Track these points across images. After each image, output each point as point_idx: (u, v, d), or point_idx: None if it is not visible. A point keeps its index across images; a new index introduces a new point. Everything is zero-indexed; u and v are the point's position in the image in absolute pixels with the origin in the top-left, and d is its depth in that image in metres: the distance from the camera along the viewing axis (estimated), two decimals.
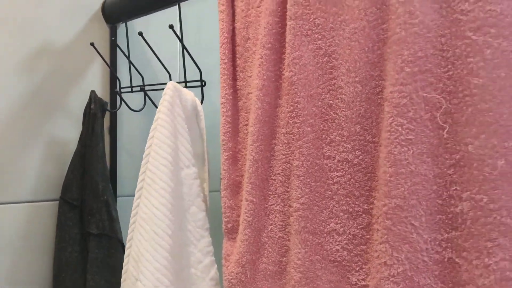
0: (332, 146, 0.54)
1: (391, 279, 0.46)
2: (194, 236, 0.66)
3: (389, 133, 0.47)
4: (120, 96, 0.87)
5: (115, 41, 0.88)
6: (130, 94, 0.94)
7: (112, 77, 0.93)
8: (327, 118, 0.54)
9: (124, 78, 0.92)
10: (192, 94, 0.70)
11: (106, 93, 0.94)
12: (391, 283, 0.46)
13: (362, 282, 0.52)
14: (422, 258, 0.46)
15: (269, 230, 0.60)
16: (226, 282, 0.62)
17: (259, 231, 0.60)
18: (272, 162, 0.60)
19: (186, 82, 0.75)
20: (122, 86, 0.91)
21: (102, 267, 0.83)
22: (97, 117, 0.85)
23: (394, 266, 0.46)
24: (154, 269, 0.61)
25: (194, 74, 0.78)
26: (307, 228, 0.55)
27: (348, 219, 0.53)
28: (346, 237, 0.53)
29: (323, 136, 0.55)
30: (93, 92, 0.86)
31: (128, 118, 0.97)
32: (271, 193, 0.60)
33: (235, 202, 0.63)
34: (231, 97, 0.64)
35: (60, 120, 0.89)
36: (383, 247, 0.47)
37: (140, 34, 0.74)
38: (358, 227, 0.52)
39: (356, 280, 0.52)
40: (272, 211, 0.60)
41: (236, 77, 0.65)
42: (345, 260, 0.53)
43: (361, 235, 0.52)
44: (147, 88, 0.85)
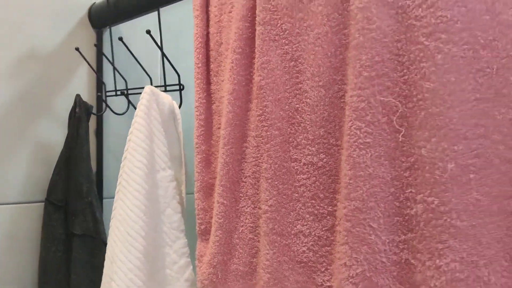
0: (298, 149, 0.55)
1: (350, 280, 0.47)
2: (169, 237, 0.67)
3: (348, 136, 0.48)
4: (103, 100, 0.88)
5: (98, 46, 0.90)
6: (115, 98, 0.96)
7: (98, 81, 0.95)
8: (294, 122, 0.55)
9: (110, 81, 0.94)
10: (169, 98, 0.72)
11: (92, 97, 0.96)
12: (351, 284, 0.47)
13: (327, 283, 0.53)
14: (381, 259, 0.46)
15: (240, 231, 0.61)
16: (199, 283, 0.63)
17: (230, 233, 0.61)
18: (243, 164, 0.61)
19: (166, 86, 0.76)
20: (108, 90, 0.92)
21: (86, 267, 0.84)
22: (81, 120, 0.87)
23: (353, 267, 0.47)
24: (127, 269, 0.62)
25: (175, 78, 0.79)
26: (275, 229, 0.56)
27: (313, 221, 0.54)
28: (311, 238, 0.54)
29: (290, 139, 0.56)
30: (78, 96, 0.88)
31: (114, 121, 0.98)
32: (242, 195, 0.61)
33: (208, 204, 0.65)
34: (205, 100, 0.65)
35: (46, 123, 0.91)
36: (343, 249, 0.48)
37: (120, 39, 0.75)
38: (323, 229, 0.53)
39: (321, 281, 0.53)
40: (243, 213, 0.61)
41: (210, 81, 0.66)
42: (311, 261, 0.54)
43: (325, 237, 0.53)
44: (131, 91, 0.87)
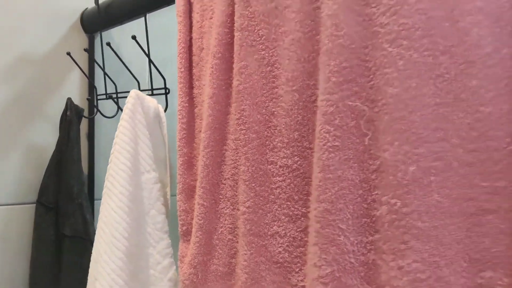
0: (274, 152, 0.56)
1: (320, 280, 0.48)
2: (153, 238, 0.69)
3: (318, 139, 0.49)
4: (92, 103, 0.90)
5: (90, 51, 0.91)
6: (107, 101, 0.98)
7: (89, 85, 0.97)
8: (270, 125, 0.57)
9: (102, 85, 0.96)
10: (155, 102, 0.73)
11: (84, 100, 0.97)
12: (320, 284, 0.48)
13: (301, 283, 0.54)
14: (349, 259, 0.47)
15: (219, 232, 0.62)
16: (180, 283, 0.65)
17: (210, 234, 0.62)
18: (222, 167, 0.62)
19: (153, 90, 0.78)
20: (99, 93, 0.94)
21: (75, 268, 0.85)
22: (72, 123, 0.88)
23: (323, 267, 0.48)
24: (110, 270, 0.63)
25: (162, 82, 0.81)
26: (252, 230, 0.57)
27: (288, 222, 0.55)
28: (287, 239, 0.55)
29: (267, 142, 0.57)
30: (69, 99, 0.90)
31: (105, 124, 1.00)
32: (222, 197, 0.62)
33: (190, 206, 0.66)
34: (187, 104, 0.67)
35: (39, 126, 0.92)
36: (314, 249, 0.49)
37: (108, 44, 0.77)
38: (297, 230, 0.54)
39: (296, 281, 0.54)
40: (222, 214, 0.62)
41: (192, 85, 0.68)
42: (286, 261, 0.55)
43: (300, 238, 0.54)
44: (121, 95, 0.88)
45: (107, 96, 0.82)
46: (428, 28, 0.42)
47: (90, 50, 0.96)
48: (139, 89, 0.80)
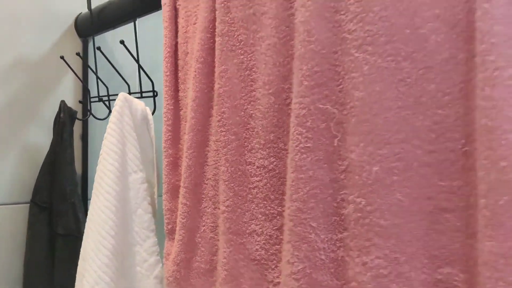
0: (252, 153, 0.58)
1: (293, 276, 0.50)
2: (140, 236, 0.71)
3: (292, 141, 0.51)
4: (86, 105, 0.92)
5: (84, 55, 0.94)
6: (100, 103, 1.00)
7: (83, 87, 0.99)
8: (249, 127, 0.59)
9: (95, 88, 0.98)
10: (143, 104, 0.75)
11: (78, 102, 1.00)
12: (293, 280, 0.50)
13: (277, 279, 0.56)
14: (320, 256, 0.49)
15: (201, 231, 0.64)
16: (165, 280, 0.67)
17: (193, 232, 0.64)
18: (205, 167, 0.64)
19: (142, 93, 0.80)
20: (92, 96, 0.96)
21: (68, 266, 0.88)
22: (65, 125, 0.91)
23: (295, 264, 0.50)
24: (97, 267, 0.65)
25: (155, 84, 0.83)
26: (231, 229, 0.59)
27: (265, 221, 0.57)
28: (264, 237, 0.57)
29: (245, 143, 0.59)
30: (62, 102, 0.92)
31: (99, 125, 1.02)
32: (204, 196, 0.64)
33: (175, 205, 0.68)
34: (172, 107, 0.69)
35: (34, 128, 0.95)
36: (287, 247, 0.51)
37: (98, 48, 0.79)
38: (274, 228, 0.56)
39: (272, 277, 0.56)
40: (204, 213, 0.64)
41: (178, 88, 0.70)
42: (263, 259, 0.57)
43: (276, 236, 0.56)
44: (112, 98, 0.91)
45: (99, 98, 0.84)
46: (391, 34, 0.44)
47: (84, 54, 0.99)
48: (129, 91, 0.82)
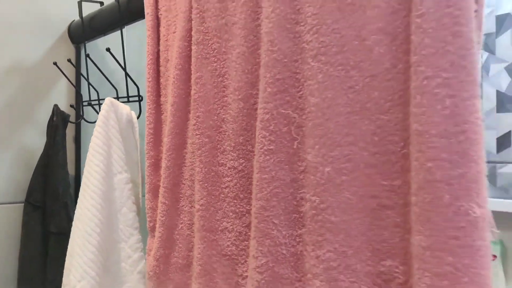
0: (224, 155, 0.62)
1: (257, 270, 0.54)
2: (124, 234, 0.75)
3: (257, 143, 0.55)
4: (79, 109, 0.97)
5: (77, 61, 0.98)
6: (95, 107, 1.04)
7: (76, 92, 1.03)
8: (221, 130, 0.62)
9: (87, 92, 1.02)
10: (128, 108, 0.79)
11: (70, 106, 1.04)
12: (257, 273, 0.54)
13: (246, 273, 0.59)
14: (281, 251, 0.53)
15: (179, 228, 0.68)
16: (146, 274, 0.71)
17: (172, 229, 0.68)
18: (183, 168, 0.68)
19: (128, 97, 0.84)
20: (84, 100, 1.01)
21: (60, 263, 0.92)
22: (58, 128, 0.95)
23: (259, 258, 0.54)
24: (83, 262, 0.69)
25: (141, 89, 0.87)
26: (205, 226, 0.63)
27: (235, 218, 0.60)
28: (234, 234, 0.61)
29: (218, 146, 0.63)
30: (55, 106, 0.96)
31: (92, 128, 1.06)
32: (182, 195, 0.68)
33: (156, 204, 0.72)
34: (154, 111, 0.73)
35: (28, 130, 1.00)
36: (252, 242, 0.55)
37: (87, 56, 0.84)
38: (243, 225, 0.60)
39: (241, 271, 0.60)
40: (182, 212, 0.68)
41: (159, 93, 0.74)
42: (234, 254, 0.61)
43: (245, 232, 0.60)
44: (102, 102, 0.95)
45: (88, 103, 0.88)
46: (341, 45, 0.47)
47: (77, 59, 1.03)
48: (117, 96, 0.86)
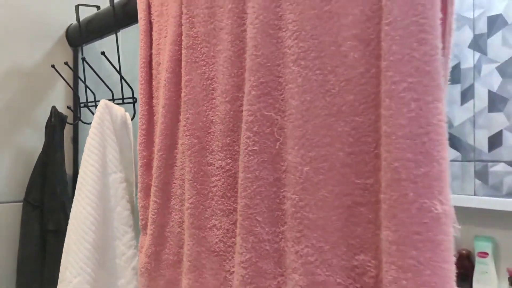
0: (212, 155, 0.64)
1: (241, 265, 0.56)
2: (119, 231, 0.77)
3: (242, 144, 0.57)
4: (76, 111, 0.99)
5: (74, 64, 1.01)
6: (91, 108, 1.07)
7: (74, 94, 1.06)
8: (210, 131, 0.65)
9: (84, 94, 1.05)
10: (122, 110, 0.82)
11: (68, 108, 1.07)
12: (242, 268, 0.56)
13: (233, 269, 0.62)
14: (265, 247, 0.55)
15: (170, 226, 0.70)
16: (138, 271, 0.73)
17: (163, 227, 0.71)
18: (173, 168, 0.71)
19: (124, 99, 0.87)
20: (81, 102, 1.04)
21: (58, 260, 0.95)
22: (56, 129, 0.98)
23: (244, 254, 0.56)
24: (79, 258, 0.72)
25: (135, 91, 0.90)
26: (194, 224, 0.65)
27: (223, 216, 0.63)
28: (222, 231, 0.63)
29: (207, 146, 0.65)
30: (53, 107, 0.99)
31: (89, 129, 1.09)
32: (172, 194, 0.70)
33: (148, 202, 0.74)
34: (147, 113, 0.76)
35: (27, 131, 1.02)
36: (238, 239, 0.57)
37: (83, 59, 0.86)
38: (230, 223, 0.62)
39: (229, 267, 0.62)
40: (173, 210, 0.70)
41: (152, 95, 0.76)
42: (222, 250, 0.63)
43: (232, 230, 0.62)
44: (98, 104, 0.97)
45: (85, 104, 0.91)
46: (319, 50, 0.49)
47: (75, 62, 1.06)
48: (113, 98, 0.89)
